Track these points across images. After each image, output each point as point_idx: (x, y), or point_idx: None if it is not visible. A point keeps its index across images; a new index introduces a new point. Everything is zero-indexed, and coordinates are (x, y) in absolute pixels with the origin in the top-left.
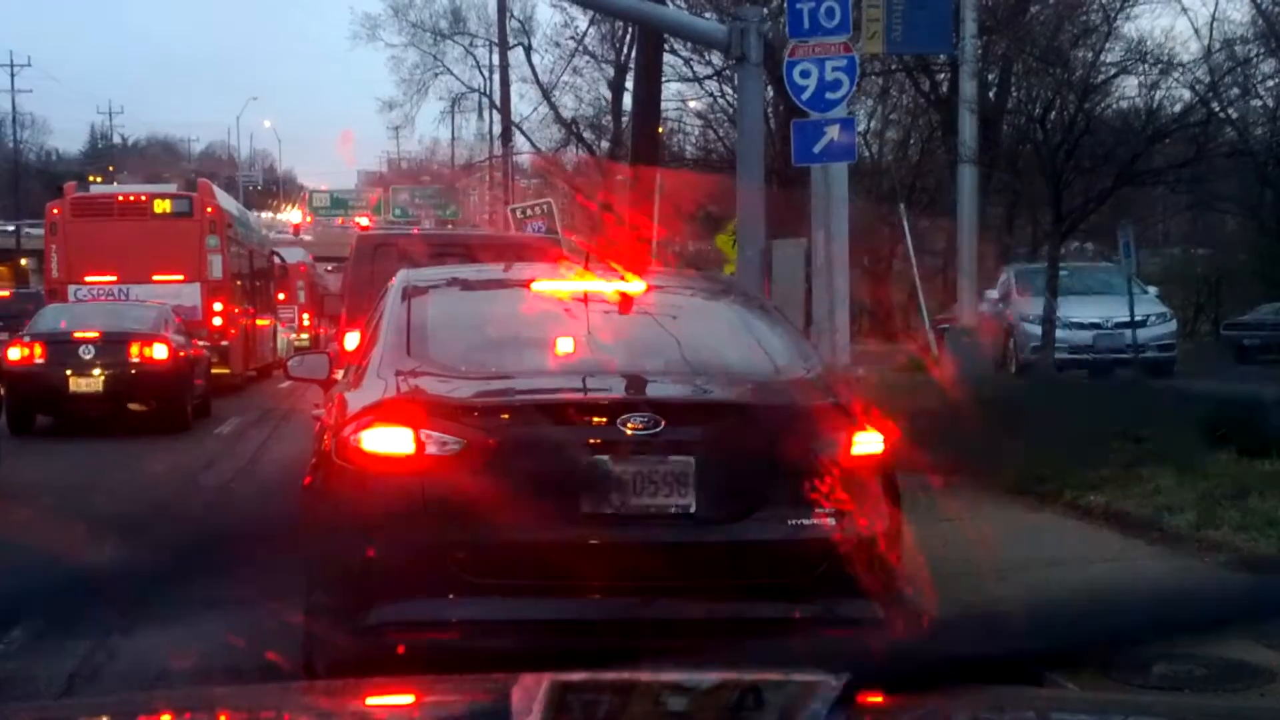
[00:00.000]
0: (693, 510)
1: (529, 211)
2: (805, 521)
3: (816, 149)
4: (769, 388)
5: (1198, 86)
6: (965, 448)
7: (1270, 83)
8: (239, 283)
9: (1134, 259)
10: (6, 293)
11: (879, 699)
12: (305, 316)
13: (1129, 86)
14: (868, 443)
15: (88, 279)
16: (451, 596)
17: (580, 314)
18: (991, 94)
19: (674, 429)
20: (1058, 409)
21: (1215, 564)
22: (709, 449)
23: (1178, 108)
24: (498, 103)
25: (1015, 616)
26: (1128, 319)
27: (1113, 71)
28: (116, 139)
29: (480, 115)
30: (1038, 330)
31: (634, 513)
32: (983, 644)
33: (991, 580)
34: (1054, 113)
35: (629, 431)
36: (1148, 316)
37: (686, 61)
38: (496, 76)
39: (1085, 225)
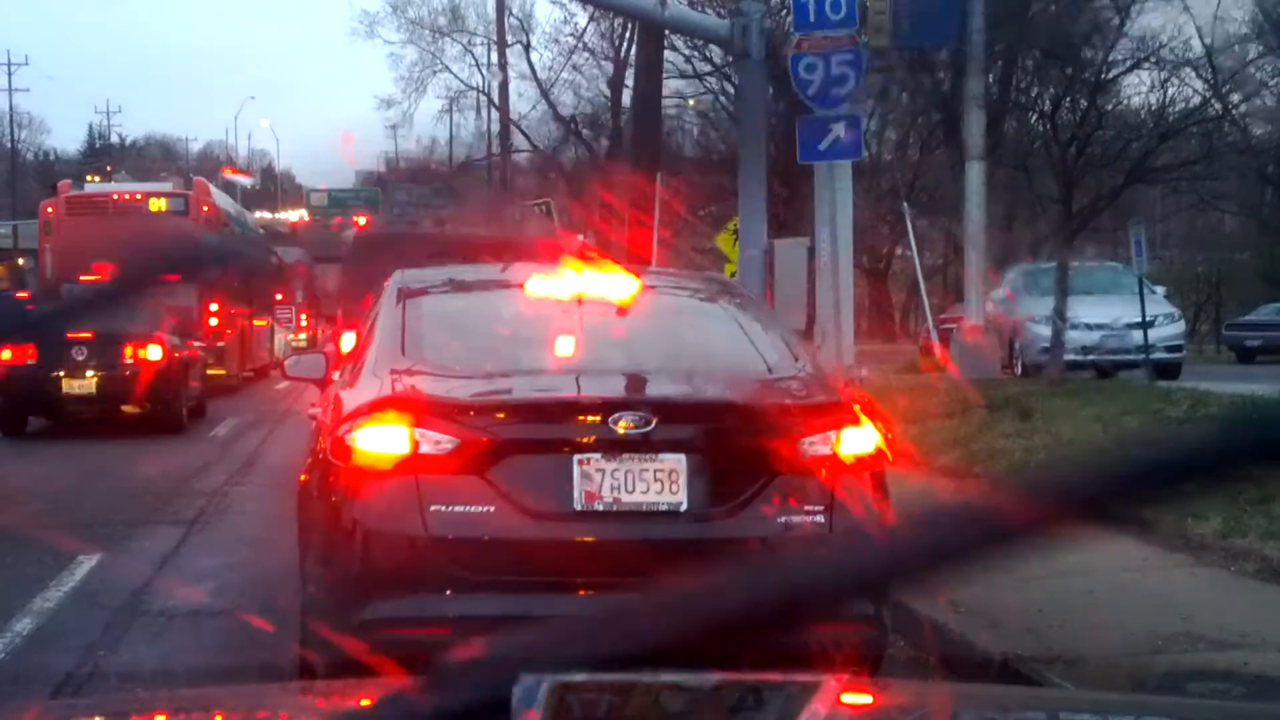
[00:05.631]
0: (684, 507)
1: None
2: (796, 518)
3: (822, 146)
4: (760, 386)
5: (1208, 84)
6: (969, 450)
7: (1273, 82)
8: (235, 282)
9: (1145, 258)
10: (27, 293)
11: (878, 699)
12: (303, 316)
13: (1137, 83)
14: (858, 439)
15: (82, 279)
16: (446, 593)
17: (574, 313)
18: (992, 91)
19: (665, 427)
20: (1068, 410)
21: (1243, 573)
22: (700, 447)
23: (1182, 106)
24: (496, 100)
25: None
26: (1135, 319)
27: (1126, 65)
28: (114, 138)
29: (479, 113)
30: (1044, 331)
31: (626, 510)
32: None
33: (1009, 589)
34: (1064, 109)
35: (621, 430)
36: (1155, 317)
37: (687, 58)
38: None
39: (1094, 224)
